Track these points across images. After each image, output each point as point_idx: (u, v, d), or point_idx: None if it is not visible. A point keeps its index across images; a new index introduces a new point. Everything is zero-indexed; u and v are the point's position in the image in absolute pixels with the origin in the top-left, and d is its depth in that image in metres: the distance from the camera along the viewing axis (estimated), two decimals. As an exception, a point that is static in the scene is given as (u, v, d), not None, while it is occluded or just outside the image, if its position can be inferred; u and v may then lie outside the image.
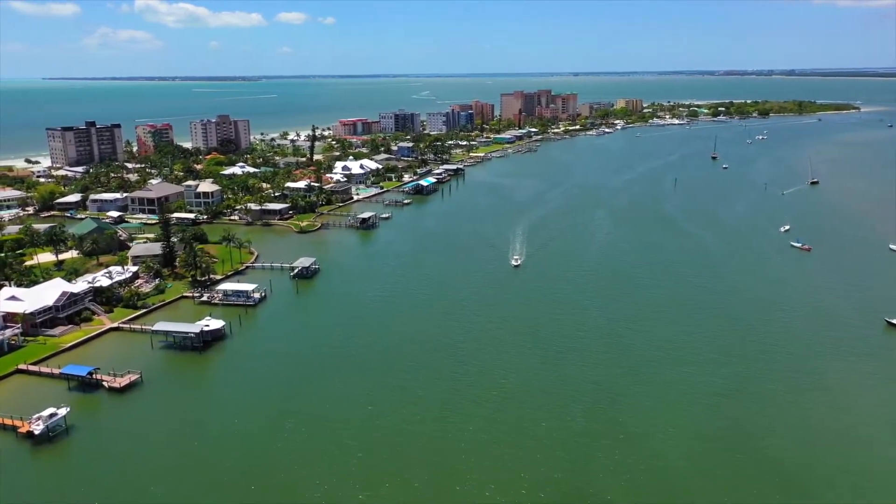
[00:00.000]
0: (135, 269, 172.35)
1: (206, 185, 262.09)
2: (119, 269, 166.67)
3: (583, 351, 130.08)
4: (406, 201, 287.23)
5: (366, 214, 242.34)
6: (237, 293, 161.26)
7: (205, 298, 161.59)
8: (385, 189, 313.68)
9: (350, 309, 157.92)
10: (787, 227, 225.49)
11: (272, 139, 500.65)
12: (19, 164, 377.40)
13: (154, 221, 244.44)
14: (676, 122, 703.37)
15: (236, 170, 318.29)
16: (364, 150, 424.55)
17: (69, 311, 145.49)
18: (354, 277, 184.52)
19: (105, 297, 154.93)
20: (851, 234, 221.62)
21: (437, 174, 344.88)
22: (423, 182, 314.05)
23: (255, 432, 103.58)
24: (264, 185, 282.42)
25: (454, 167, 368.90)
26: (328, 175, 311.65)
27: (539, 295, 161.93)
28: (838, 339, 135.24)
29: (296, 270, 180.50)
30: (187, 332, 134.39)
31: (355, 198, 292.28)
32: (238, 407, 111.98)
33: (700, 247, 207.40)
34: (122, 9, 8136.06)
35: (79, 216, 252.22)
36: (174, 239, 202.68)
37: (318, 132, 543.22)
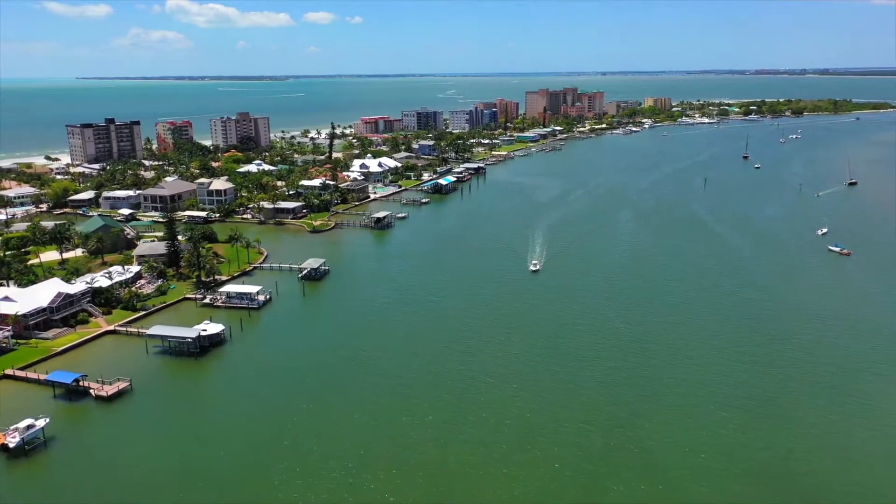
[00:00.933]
0: (137, 269, 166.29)
1: (219, 183, 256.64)
2: (119, 269, 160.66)
3: (602, 364, 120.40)
4: (424, 200, 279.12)
5: (380, 214, 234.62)
6: (240, 295, 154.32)
7: (207, 301, 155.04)
8: (403, 188, 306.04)
9: (357, 313, 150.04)
10: (824, 231, 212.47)
11: (291, 137, 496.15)
12: (40, 161, 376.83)
13: (166, 220, 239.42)
14: (706, 120, 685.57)
15: (252, 167, 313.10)
16: (384, 149, 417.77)
17: (64, 313, 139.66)
18: (364, 280, 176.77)
19: (104, 299, 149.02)
20: (894, 238, 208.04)
21: (457, 173, 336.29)
22: (442, 181, 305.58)
23: (246, 449, 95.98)
24: (279, 183, 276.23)
25: (475, 166, 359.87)
26: (345, 173, 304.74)
27: (557, 302, 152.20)
28: (883, 354, 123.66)
29: (304, 272, 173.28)
30: (183, 337, 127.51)
31: (372, 196, 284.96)
32: (231, 420, 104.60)
33: (731, 251, 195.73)
34: (154, 9, 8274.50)
35: (90, 214, 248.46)
36: (182, 238, 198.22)
37: (339, 130, 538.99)
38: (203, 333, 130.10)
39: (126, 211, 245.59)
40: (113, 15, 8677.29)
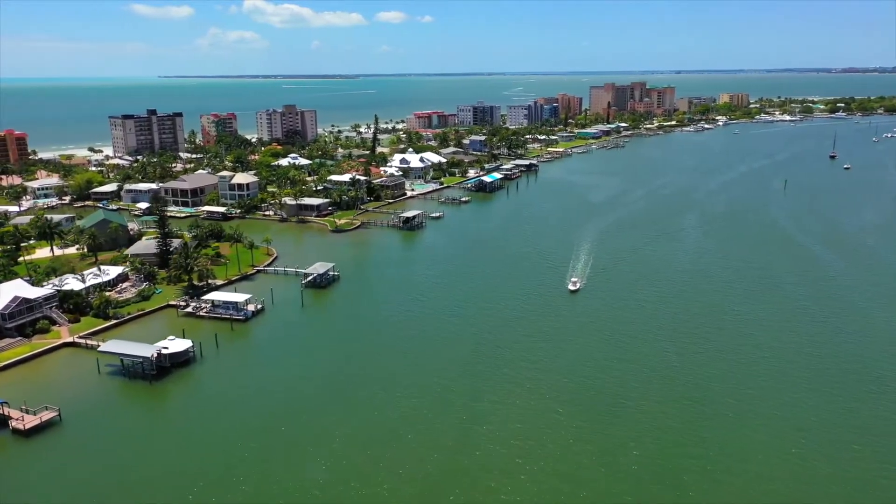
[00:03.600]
0: (120, 270, 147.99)
1: (242, 177, 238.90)
2: (95, 270, 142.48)
3: (645, 410, 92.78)
4: (465, 199, 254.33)
5: (410, 213, 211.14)
6: (226, 304, 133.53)
7: (189, 309, 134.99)
8: (445, 185, 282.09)
9: (358, 330, 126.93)
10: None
11: (339, 131, 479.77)
12: (82, 152, 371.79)
13: (185, 215, 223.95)
14: (787, 118, 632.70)
15: (287, 161, 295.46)
16: (433, 144, 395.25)
17: (21, 320, 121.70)
18: (377, 289, 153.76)
19: (72, 304, 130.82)
20: None
21: (506, 170, 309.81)
22: (487, 178, 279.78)
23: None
24: (308, 177, 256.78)
25: (526, 163, 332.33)
26: (381, 168, 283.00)
27: (597, 333, 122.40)
28: None
29: (308, 278, 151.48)
30: (137, 356, 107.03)
31: (409, 194, 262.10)
32: (173, 467, 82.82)
33: (818, 267, 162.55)
34: (231, 10, 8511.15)
35: (110, 207, 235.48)
36: (188, 235, 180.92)
37: (391, 125, 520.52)
38: (164, 351, 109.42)
39: (144, 205, 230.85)
40: (194, 16, 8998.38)
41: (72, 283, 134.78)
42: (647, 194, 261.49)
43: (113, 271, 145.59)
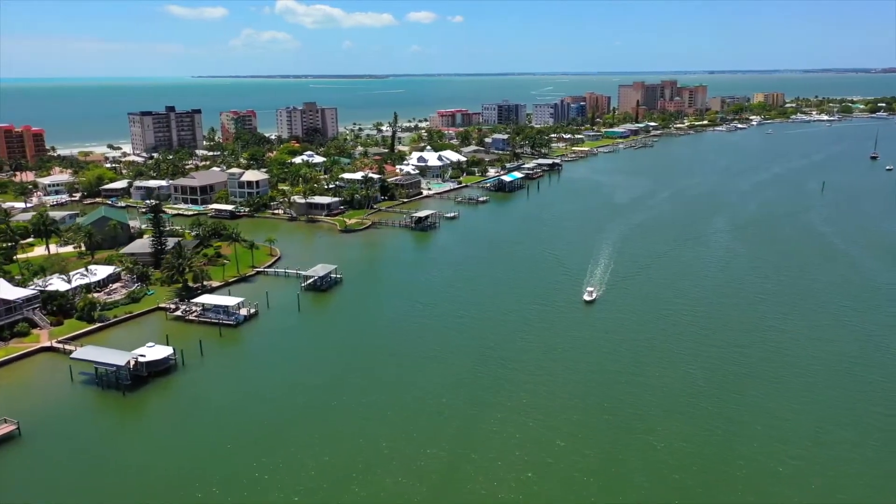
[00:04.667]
0: (110, 270, 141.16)
1: (252, 174, 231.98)
2: (83, 270, 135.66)
3: (665, 442, 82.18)
4: (482, 199, 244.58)
5: (423, 213, 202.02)
6: (217, 308, 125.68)
7: (179, 313, 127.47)
8: (463, 184, 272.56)
9: (357, 339, 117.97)
10: None
11: (359, 129, 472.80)
12: (102, 149, 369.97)
13: (193, 212, 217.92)
14: (825, 118, 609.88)
15: (302, 159, 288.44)
16: (455, 142, 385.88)
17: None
18: (381, 292, 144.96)
19: (56, 306, 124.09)
20: None
21: (528, 169, 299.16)
22: (507, 177, 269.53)
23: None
24: (322, 175, 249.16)
25: (549, 162, 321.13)
26: (397, 167, 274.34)
27: (612, 347, 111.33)
28: None
29: (308, 281, 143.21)
30: (111, 364, 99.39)
31: (424, 193, 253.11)
32: (137, 490, 74.74)
33: (860, 276, 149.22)
34: (265, 10, 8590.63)
35: (119, 204, 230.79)
36: (189, 233, 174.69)
37: (413, 123, 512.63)
38: (141, 359, 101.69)
39: (151, 202, 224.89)
40: (227, 17, 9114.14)
41: (56, 284, 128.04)
42: (675, 195, 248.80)
43: (102, 271, 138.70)
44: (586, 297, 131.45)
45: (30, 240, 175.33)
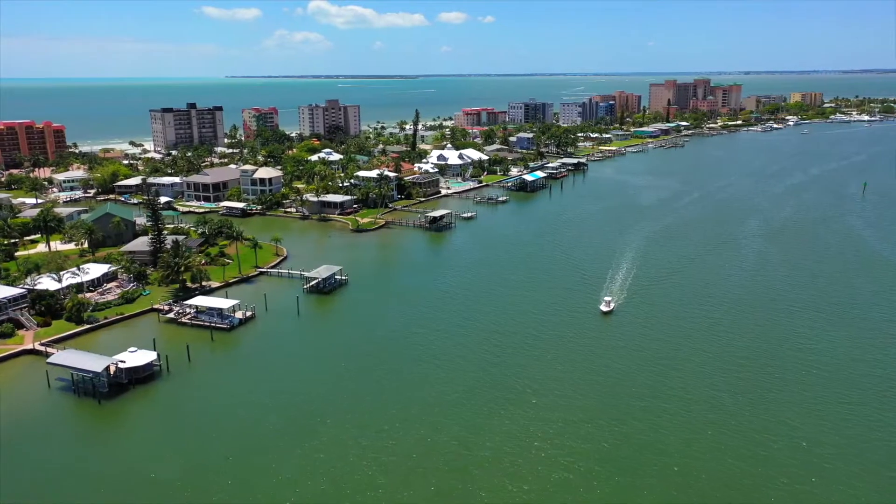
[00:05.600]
0: (105, 268, 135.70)
1: (265, 171, 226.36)
2: (75, 269, 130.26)
3: (687, 469, 72.86)
4: (502, 199, 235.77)
5: (438, 213, 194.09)
6: (210, 311, 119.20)
7: (172, 315, 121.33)
8: (484, 183, 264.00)
9: (356, 347, 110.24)
10: None
11: (382, 127, 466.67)
12: (123, 146, 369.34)
13: (204, 210, 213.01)
14: (865, 118, 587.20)
15: (316, 157, 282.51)
16: (479, 141, 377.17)
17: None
18: (387, 296, 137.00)
19: (44, 306, 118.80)
20: None
21: (552, 168, 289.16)
22: (529, 177, 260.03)
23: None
24: (338, 173, 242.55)
25: (574, 161, 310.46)
26: (416, 165, 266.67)
27: (630, 363, 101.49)
28: None
29: (311, 283, 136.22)
30: (88, 370, 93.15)
31: (443, 192, 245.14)
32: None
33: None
34: (297, 11, 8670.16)
35: (132, 201, 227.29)
36: (195, 231, 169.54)
37: (438, 122, 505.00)
38: (121, 365, 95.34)
39: (164, 199, 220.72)
40: (261, 17, 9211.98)
41: (46, 283, 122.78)
42: (704, 197, 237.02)
43: (96, 270, 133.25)
44: (603, 308, 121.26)
45: (34, 236, 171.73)
